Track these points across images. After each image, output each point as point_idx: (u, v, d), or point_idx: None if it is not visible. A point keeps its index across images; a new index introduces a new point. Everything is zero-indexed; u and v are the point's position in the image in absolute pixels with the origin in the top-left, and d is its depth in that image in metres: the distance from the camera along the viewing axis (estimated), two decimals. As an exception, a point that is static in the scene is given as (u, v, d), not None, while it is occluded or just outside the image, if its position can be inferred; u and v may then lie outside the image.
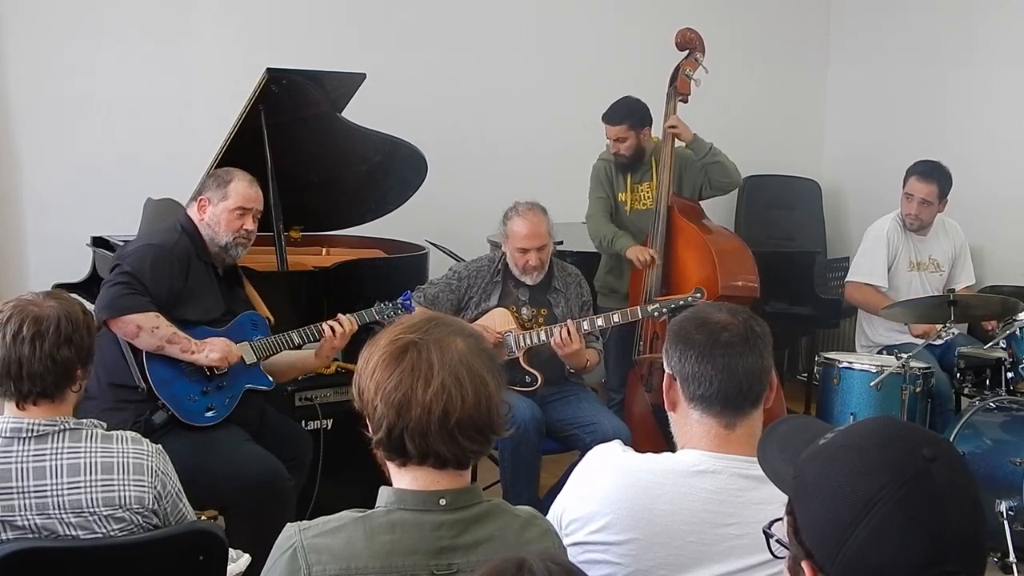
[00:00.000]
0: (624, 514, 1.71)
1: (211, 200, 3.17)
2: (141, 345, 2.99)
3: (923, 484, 1.00)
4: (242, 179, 3.21)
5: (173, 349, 3.01)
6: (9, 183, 4.54)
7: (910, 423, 1.10)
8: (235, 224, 3.17)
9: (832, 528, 1.02)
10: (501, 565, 1.10)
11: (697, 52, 4.24)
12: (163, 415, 3.01)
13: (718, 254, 4.07)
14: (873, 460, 1.02)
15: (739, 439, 1.74)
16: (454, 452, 1.49)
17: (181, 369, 3.06)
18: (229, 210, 3.16)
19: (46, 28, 4.48)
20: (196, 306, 3.12)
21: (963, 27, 5.70)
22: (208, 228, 3.17)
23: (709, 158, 4.18)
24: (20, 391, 2.06)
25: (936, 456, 1.02)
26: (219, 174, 3.24)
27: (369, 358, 1.52)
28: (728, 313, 1.77)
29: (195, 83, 4.73)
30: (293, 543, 1.48)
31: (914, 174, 4.43)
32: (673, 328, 1.79)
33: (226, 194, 3.17)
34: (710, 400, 1.72)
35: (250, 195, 3.21)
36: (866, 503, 1.00)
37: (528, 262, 3.69)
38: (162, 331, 2.98)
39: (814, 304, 5.47)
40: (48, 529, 2.04)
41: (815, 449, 1.08)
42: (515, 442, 3.50)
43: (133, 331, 2.96)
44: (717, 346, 1.71)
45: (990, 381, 3.94)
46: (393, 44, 5.15)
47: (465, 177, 5.22)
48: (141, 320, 2.96)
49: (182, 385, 3.06)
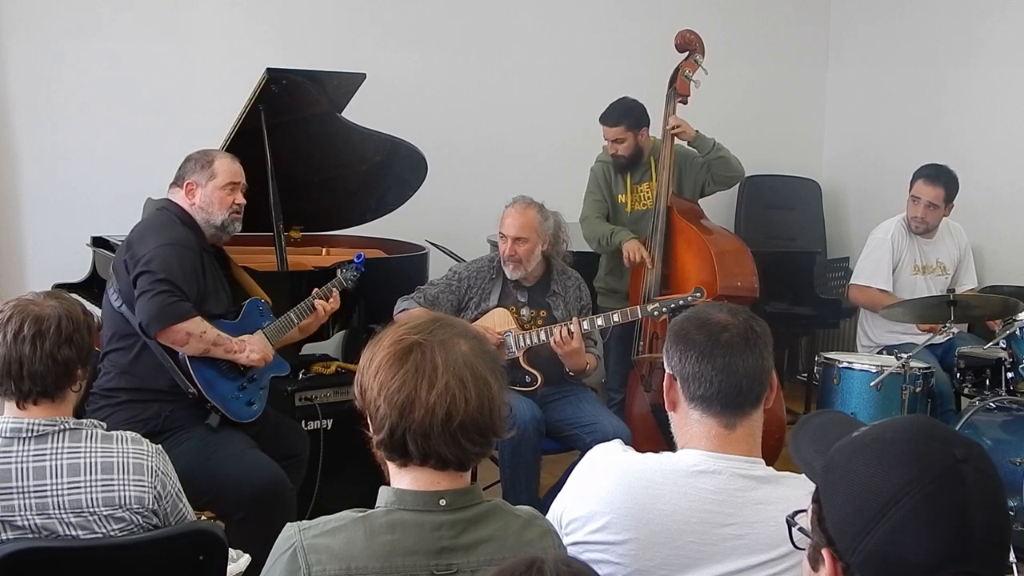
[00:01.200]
0: (624, 514, 1.71)
1: (198, 183, 3.16)
2: (190, 351, 2.99)
3: (952, 482, 1.00)
4: (223, 156, 3.24)
5: (218, 351, 3.02)
6: (9, 183, 4.54)
7: (945, 425, 1.10)
8: (228, 200, 3.18)
9: (857, 517, 1.02)
10: (513, 563, 1.10)
11: (697, 53, 4.24)
12: (216, 417, 3.03)
13: (717, 255, 4.07)
14: (904, 454, 1.03)
15: (739, 439, 1.74)
16: (456, 454, 1.49)
17: (219, 369, 3.07)
18: (220, 187, 3.17)
19: (46, 28, 4.48)
20: (214, 300, 3.13)
21: (963, 27, 5.70)
22: (201, 211, 3.16)
23: (713, 154, 4.18)
24: (21, 390, 2.06)
25: (968, 458, 1.02)
26: (198, 157, 3.23)
27: (372, 358, 1.52)
28: (729, 313, 1.76)
29: (195, 83, 4.73)
30: (293, 543, 1.48)
31: (921, 177, 4.42)
32: (673, 328, 1.79)
33: (213, 173, 3.17)
34: (710, 400, 1.72)
35: (236, 169, 3.22)
36: (893, 495, 1.00)
37: (505, 251, 3.70)
38: (208, 334, 2.99)
39: (814, 304, 5.47)
40: (48, 529, 2.04)
41: (848, 440, 1.08)
42: (515, 442, 3.50)
43: (183, 339, 2.95)
44: (718, 346, 1.71)
45: (990, 381, 3.93)
46: (393, 44, 5.15)
47: (465, 177, 5.22)
48: (190, 327, 2.95)
49: (224, 385, 3.09)
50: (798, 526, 1.15)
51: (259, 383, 3.21)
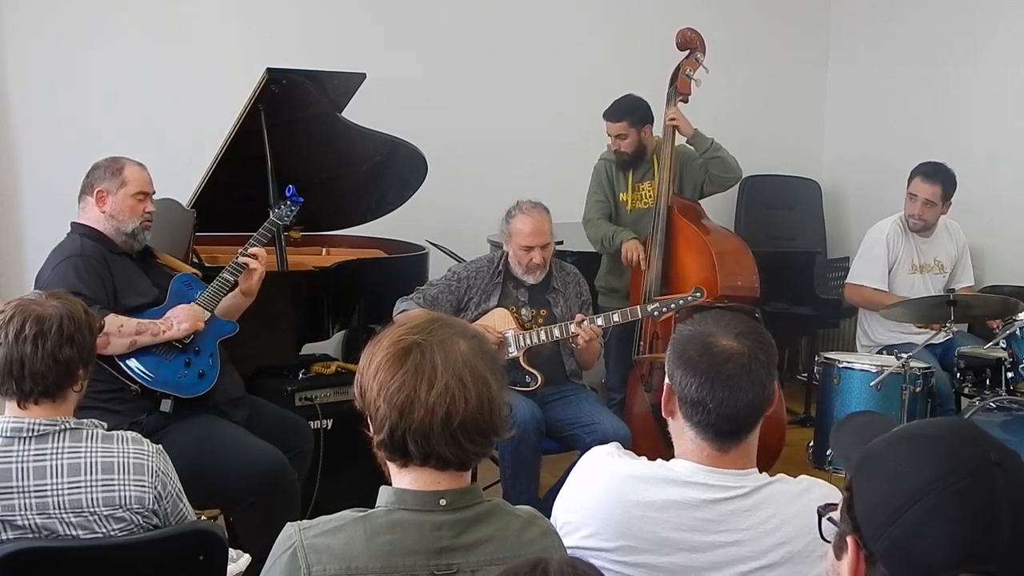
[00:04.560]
0: (612, 523, 1.72)
1: (109, 190, 3.16)
2: (116, 350, 2.97)
3: (982, 482, 1.00)
4: (132, 164, 3.22)
5: (144, 339, 3.00)
6: (9, 183, 4.53)
7: (984, 430, 1.10)
8: (138, 209, 3.17)
9: (884, 507, 1.02)
10: (518, 564, 1.11)
11: (698, 52, 4.24)
12: (168, 403, 3.01)
13: (718, 254, 4.07)
14: (939, 450, 1.03)
15: (733, 458, 1.74)
16: (456, 454, 1.49)
17: (156, 353, 3.05)
18: (131, 195, 3.16)
19: (46, 28, 4.48)
20: (133, 293, 3.11)
21: (963, 27, 5.70)
22: (112, 219, 3.15)
23: (710, 153, 4.18)
24: (22, 390, 2.06)
25: (1002, 462, 1.02)
26: (106, 164, 3.21)
27: (372, 358, 1.52)
28: (735, 338, 1.71)
29: (195, 83, 4.73)
30: (293, 543, 1.48)
31: (918, 175, 4.42)
32: (678, 346, 1.74)
33: (123, 181, 3.16)
34: (706, 427, 1.71)
35: (145, 178, 3.22)
36: (922, 488, 1.00)
37: (532, 260, 3.69)
38: (127, 327, 2.98)
39: (814, 304, 5.47)
40: (48, 529, 2.04)
41: (886, 435, 1.09)
42: (515, 442, 3.50)
43: (104, 342, 2.89)
44: (719, 379, 1.68)
45: (990, 381, 3.93)
46: (393, 44, 5.14)
47: (465, 177, 5.21)
48: (106, 327, 2.90)
49: (166, 367, 3.06)
50: (828, 515, 1.16)
51: (206, 352, 3.15)
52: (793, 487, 1.75)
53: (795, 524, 1.68)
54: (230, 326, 3.27)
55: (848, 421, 1.26)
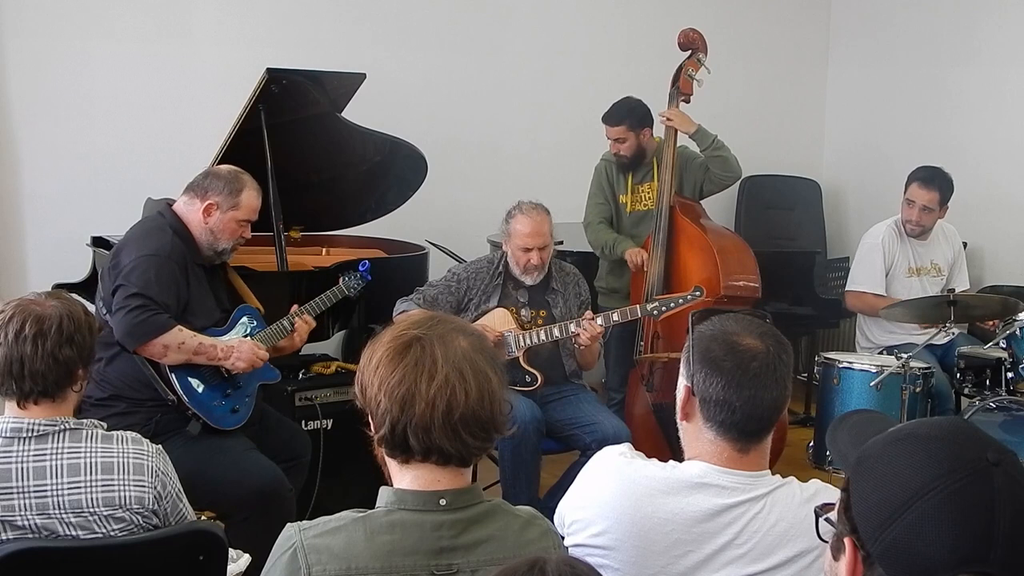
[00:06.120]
0: (623, 522, 1.71)
1: (220, 206, 3.12)
2: (169, 362, 2.97)
3: (980, 483, 1.00)
4: (252, 188, 3.18)
5: (200, 359, 3.00)
6: (9, 183, 4.53)
7: (982, 430, 1.10)
8: (237, 232, 3.17)
9: (882, 507, 1.02)
10: (516, 564, 1.11)
11: (700, 52, 4.24)
12: (196, 425, 3.02)
13: (719, 254, 4.07)
14: (937, 450, 1.03)
15: (750, 460, 1.73)
16: (457, 448, 1.49)
17: (202, 376, 3.05)
18: (237, 220, 3.15)
19: (46, 28, 4.48)
20: (199, 313, 3.10)
21: (964, 27, 5.70)
22: (210, 233, 3.13)
23: (712, 150, 4.18)
24: (22, 390, 2.06)
25: (1000, 462, 1.01)
26: (229, 179, 3.16)
27: (372, 354, 1.52)
28: (758, 337, 1.71)
29: (195, 83, 4.73)
30: (293, 543, 1.48)
31: (915, 180, 4.41)
32: (701, 348, 1.72)
33: (237, 203, 3.13)
34: (729, 427, 1.70)
35: (257, 207, 3.21)
36: (920, 488, 1.00)
37: (530, 261, 3.69)
38: (188, 344, 2.96)
39: (814, 304, 5.47)
40: (48, 529, 2.04)
41: (884, 434, 1.09)
42: (515, 442, 3.50)
43: (160, 352, 2.94)
44: (745, 377, 1.67)
45: (990, 381, 3.93)
46: (393, 44, 5.15)
47: (465, 177, 5.22)
48: (166, 340, 2.93)
49: (207, 392, 3.06)
50: (825, 516, 1.15)
51: (245, 390, 3.17)
52: (803, 491, 1.74)
53: (803, 528, 1.68)
54: (274, 373, 3.28)
55: (845, 419, 1.26)
